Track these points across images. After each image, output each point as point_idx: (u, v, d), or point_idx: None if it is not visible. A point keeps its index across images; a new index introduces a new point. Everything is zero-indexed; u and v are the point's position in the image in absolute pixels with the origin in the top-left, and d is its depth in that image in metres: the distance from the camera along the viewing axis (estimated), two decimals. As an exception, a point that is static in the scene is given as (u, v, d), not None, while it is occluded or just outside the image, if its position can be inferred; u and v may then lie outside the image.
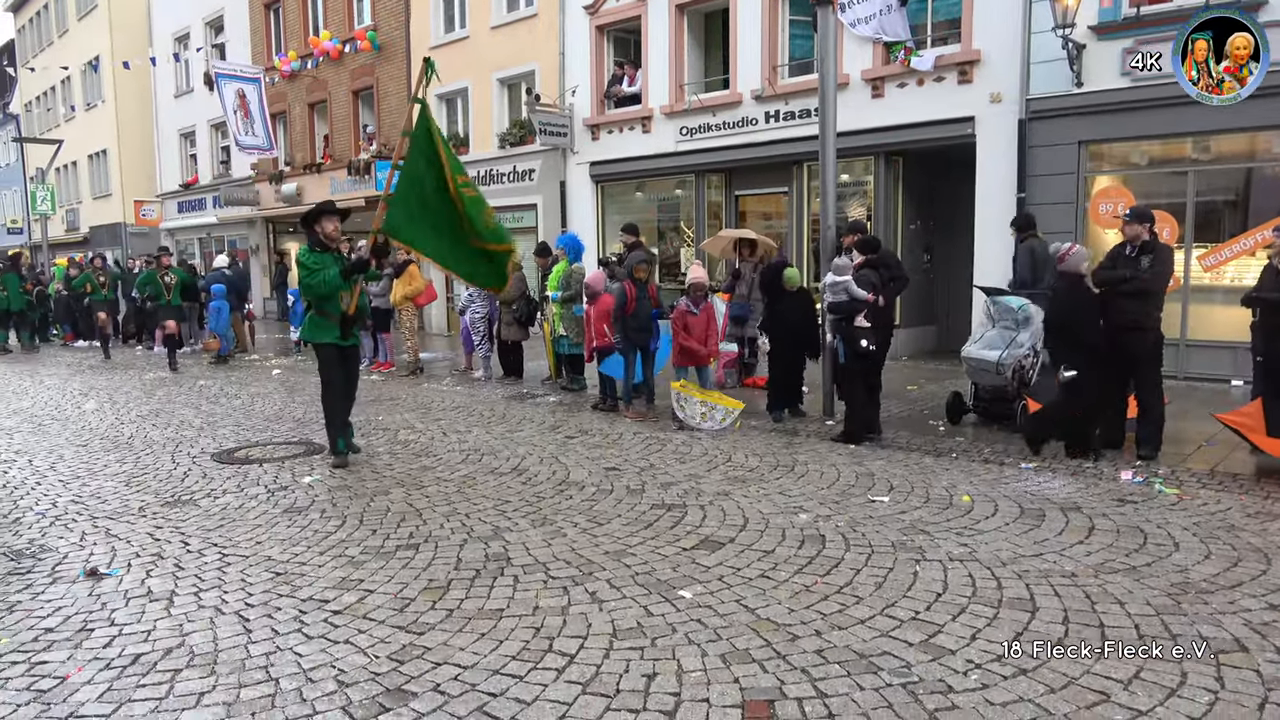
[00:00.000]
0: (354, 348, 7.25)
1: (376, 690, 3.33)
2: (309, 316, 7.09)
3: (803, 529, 5.17)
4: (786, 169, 13.95)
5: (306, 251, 6.93)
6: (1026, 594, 4.13)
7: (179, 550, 5.01)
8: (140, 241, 30.21)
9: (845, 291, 7.37)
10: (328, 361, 7.07)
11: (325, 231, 6.92)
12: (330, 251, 6.93)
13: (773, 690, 3.27)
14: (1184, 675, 3.33)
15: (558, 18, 16.78)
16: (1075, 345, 6.50)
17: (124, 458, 7.50)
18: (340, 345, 7.03)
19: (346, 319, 6.99)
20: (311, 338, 7.09)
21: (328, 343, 6.99)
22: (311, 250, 6.92)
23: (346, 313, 6.98)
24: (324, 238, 6.93)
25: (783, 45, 14.12)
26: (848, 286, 7.36)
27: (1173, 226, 10.23)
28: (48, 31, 36.16)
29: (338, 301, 6.95)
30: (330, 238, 6.95)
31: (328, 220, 6.97)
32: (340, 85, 22.05)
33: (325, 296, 6.85)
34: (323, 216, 7.00)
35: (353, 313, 7.04)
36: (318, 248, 6.92)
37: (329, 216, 7.02)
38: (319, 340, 7.01)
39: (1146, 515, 5.34)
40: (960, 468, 6.66)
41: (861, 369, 7.56)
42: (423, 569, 4.63)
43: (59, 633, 3.93)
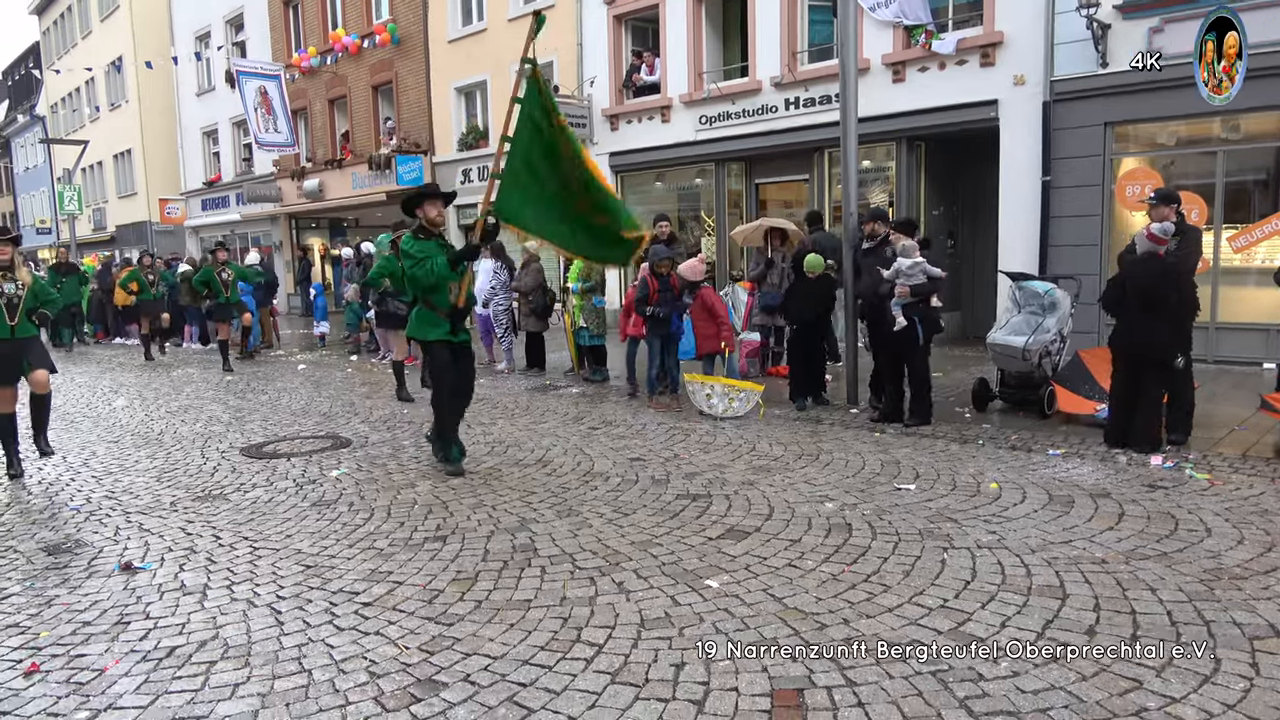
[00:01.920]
0: (466, 344, 6.64)
1: (408, 681, 3.37)
2: (415, 312, 6.54)
3: (829, 517, 5.16)
4: (807, 156, 13.87)
5: (410, 239, 6.42)
6: (1056, 581, 4.10)
7: (211, 544, 5.08)
8: (165, 239, 30.56)
9: (923, 272, 7.33)
10: (439, 361, 6.49)
11: (428, 217, 6.39)
12: (434, 238, 6.42)
13: (801, 679, 3.27)
14: (1218, 662, 3.30)
15: (575, 8, 16.75)
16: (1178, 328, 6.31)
17: (155, 453, 7.60)
18: (451, 342, 6.48)
19: (456, 312, 6.43)
20: (420, 335, 6.53)
21: (437, 340, 6.43)
22: (415, 237, 6.41)
23: (456, 305, 6.42)
24: (426, 223, 6.41)
25: (802, 31, 14.02)
26: (925, 268, 7.32)
27: (1201, 207, 10.07)
28: (71, 33, 36.56)
29: (445, 293, 6.37)
30: (433, 223, 6.42)
31: (430, 205, 6.41)
32: (360, 80, 22.15)
33: (432, 288, 6.32)
34: (425, 200, 6.44)
35: (462, 304, 6.49)
36: (421, 234, 6.41)
37: (431, 200, 6.44)
38: (428, 337, 6.46)
39: (1177, 501, 5.28)
40: (987, 454, 6.61)
41: (921, 351, 7.56)
42: (450, 560, 4.66)
43: (96, 626, 3.99)
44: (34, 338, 6.91)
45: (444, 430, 6.60)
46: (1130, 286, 6.33)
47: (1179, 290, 6.24)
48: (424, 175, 20.36)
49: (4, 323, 6.58)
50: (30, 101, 43.47)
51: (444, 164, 20.18)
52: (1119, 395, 6.53)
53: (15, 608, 4.25)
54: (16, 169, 46.29)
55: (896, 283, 7.35)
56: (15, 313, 6.62)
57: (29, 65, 44.00)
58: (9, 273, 6.64)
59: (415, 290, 6.46)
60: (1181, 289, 6.26)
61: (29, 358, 6.85)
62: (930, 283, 7.40)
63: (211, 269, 13.65)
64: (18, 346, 6.70)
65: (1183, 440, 6.53)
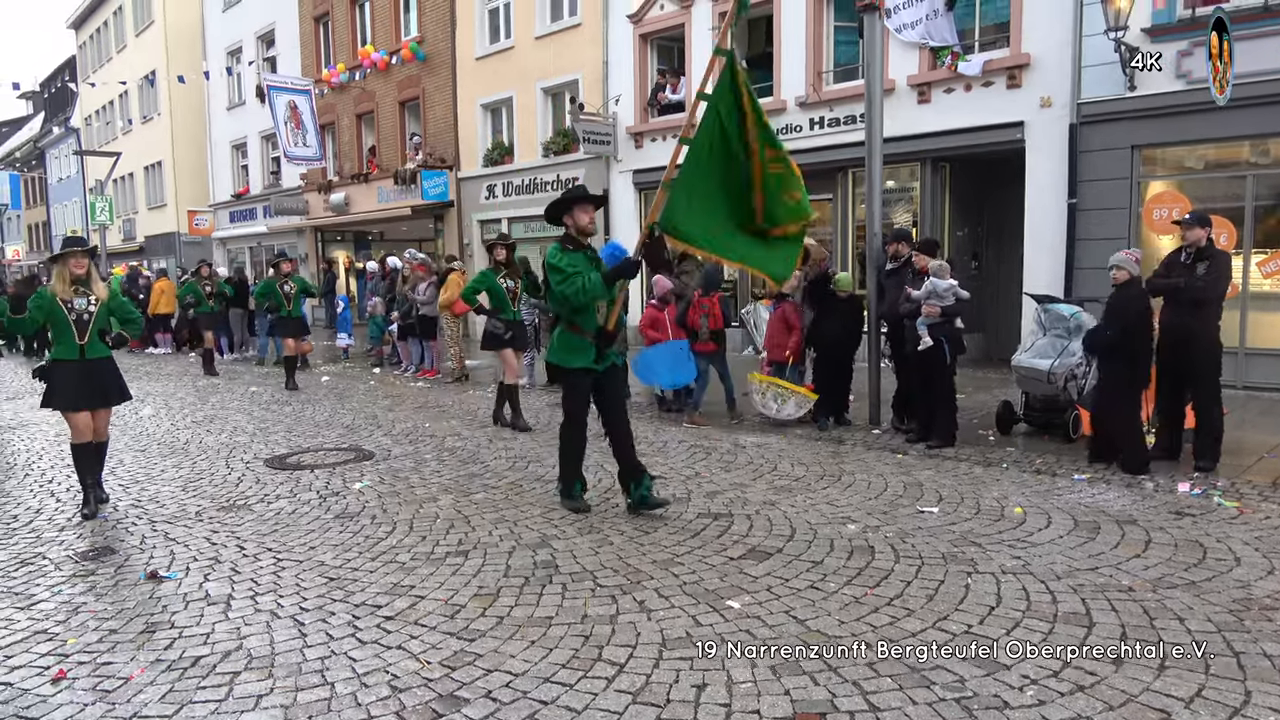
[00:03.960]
0: (612, 370, 5.72)
1: (429, 696, 3.37)
2: (557, 334, 5.74)
3: (851, 539, 5.13)
4: (831, 176, 13.87)
5: (557, 251, 5.51)
6: (1083, 608, 4.05)
7: (235, 554, 5.12)
8: (193, 250, 30.96)
9: (953, 294, 7.35)
10: (576, 392, 5.72)
11: (578, 224, 5.55)
12: (583, 249, 5.58)
13: (824, 703, 3.25)
14: (1248, 694, 3.25)
15: (601, 27, 16.88)
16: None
17: (180, 463, 7.68)
18: (595, 370, 5.64)
19: (604, 336, 5.55)
20: (560, 361, 5.69)
21: (579, 368, 5.62)
22: (563, 249, 5.52)
23: (605, 328, 5.56)
24: (576, 232, 5.56)
25: (827, 51, 14.06)
26: (956, 290, 7.34)
27: (1230, 232, 9.97)
28: (107, 48, 37.26)
29: (593, 314, 5.54)
30: (584, 231, 5.58)
31: (580, 210, 5.57)
32: (387, 96, 22.41)
33: (581, 308, 5.49)
34: (575, 205, 5.58)
35: (612, 328, 5.59)
36: (569, 245, 5.54)
37: (582, 205, 5.59)
38: (569, 364, 5.62)
39: (1205, 529, 5.21)
40: (1011, 478, 6.55)
41: (947, 372, 7.57)
42: (472, 575, 4.68)
43: (123, 634, 4.04)
44: (107, 359, 6.18)
45: (566, 466, 5.88)
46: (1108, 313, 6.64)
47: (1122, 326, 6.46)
48: (449, 191, 20.56)
49: (73, 342, 5.98)
50: (65, 114, 44.33)
51: (469, 179, 20.35)
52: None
53: (43, 614, 4.31)
54: (50, 179, 47.13)
55: (926, 302, 7.34)
56: (85, 331, 6.01)
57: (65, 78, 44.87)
58: (83, 287, 6.05)
59: (560, 310, 5.64)
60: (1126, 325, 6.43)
61: (102, 385, 6.14)
62: (957, 304, 7.39)
63: (274, 281, 13.01)
64: (89, 369, 6.04)
65: (1211, 467, 6.45)
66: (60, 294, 5.98)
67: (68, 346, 6.00)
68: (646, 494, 5.72)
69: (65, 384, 6.00)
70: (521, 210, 19.16)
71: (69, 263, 6.04)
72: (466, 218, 20.58)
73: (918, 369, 7.65)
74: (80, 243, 6.26)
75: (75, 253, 6.08)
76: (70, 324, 5.97)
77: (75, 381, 6.01)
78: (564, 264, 5.42)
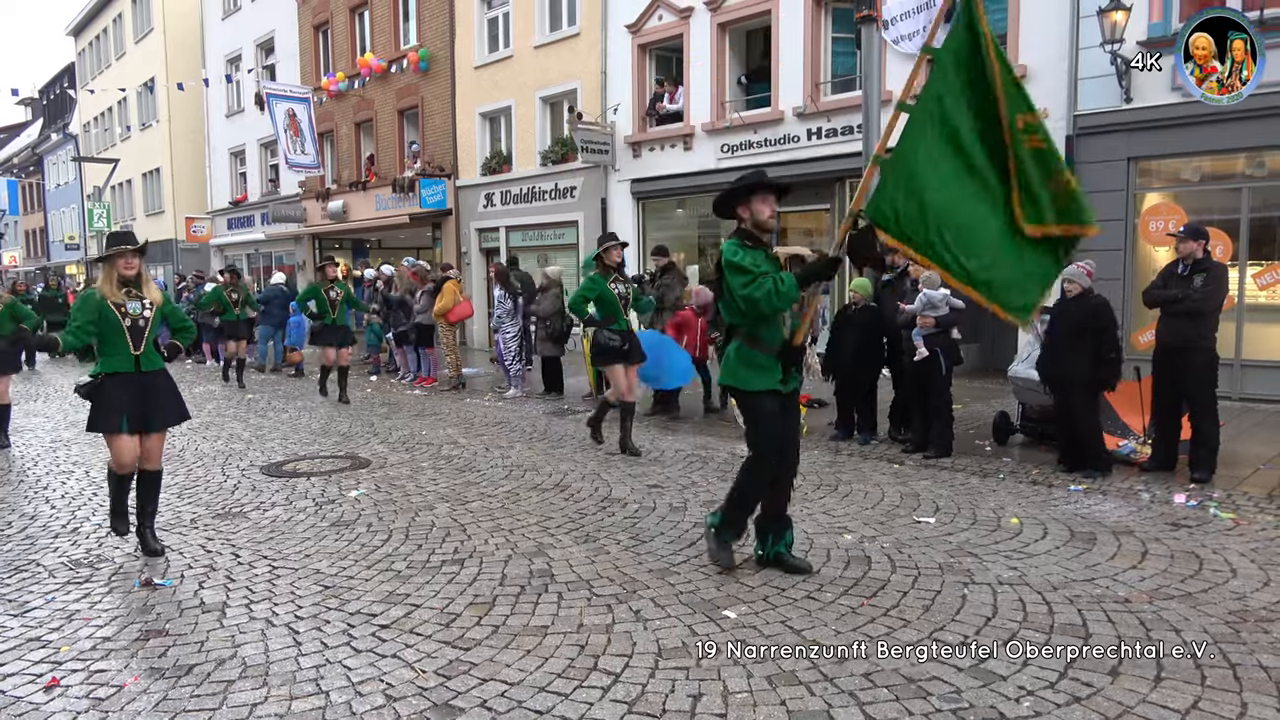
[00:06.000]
0: (795, 394, 4.78)
1: (424, 705, 3.36)
2: (734, 351, 4.64)
3: (848, 550, 5.13)
4: (829, 186, 13.90)
5: (735, 247, 4.51)
6: (1079, 620, 4.05)
7: (230, 562, 5.11)
8: (190, 257, 30.96)
9: (947, 304, 7.38)
10: (764, 419, 4.58)
11: (758, 218, 4.55)
12: (762, 247, 4.58)
13: (820, 714, 3.24)
14: (1244, 706, 3.25)
15: (600, 36, 16.94)
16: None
17: (176, 470, 7.66)
18: (781, 392, 4.63)
19: (789, 352, 4.57)
20: (740, 383, 4.62)
21: (764, 390, 4.58)
22: (741, 244, 4.53)
23: (790, 342, 4.58)
24: (753, 226, 4.58)
25: (825, 62, 14.11)
26: (950, 300, 7.36)
27: (1226, 244, 10.02)
28: (106, 55, 37.31)
29: (778, 326, 4.55)
30: (763, 226, 4.58)
31: (760, 200, 4.55)
32: (386, 104, 22.45)
33: (765, 317, 4.48)
34: (753, 194, 4.57)
35: (799, 342, 4.62)
36: (748, 241, 4.55)
37: (763, 195, 4.56)
38: (750, 387, 4.59)
39: (1201, 540, 5.21)
40: (1008, 489, 6.56)
41: (943, 382, 7.59)
42: (468, 584, 4.66)
43: (116, 641, 4.02)
44: (161, 372, 5.37)
45: (738, 511, 4.79)
46: (1061, 321, 6.80)
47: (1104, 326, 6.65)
48: (447, 199, 20.58)
49: (128, 351, 5.16)
50: (64, 120, 44.36)
51: (467, 188, 20.38)
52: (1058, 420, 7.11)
53: (37, 621, 4.29)
54: (48, 186, 47.17)
55: (920, 314, 7.37)
56: (142, 340, 5.20)
57: (64, 85, 44.93)
58: (136, 289, 5.24)
59: (741, 320, 4.58)
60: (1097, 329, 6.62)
61: (159, 402, 5.30)
62: (952, 313, 7.41)
63: (319, 286, 11.99)
64: (144, 383, 5.22)
65: (1207, 478, 6.45)
66: (110, 297, 5.17)
67: (122, 357, 5.16)
68: (784, 550, 4.80)
69: (117, 401, 5.15)
70: (519, 219, 19.19)
71: (118, 263, 5.21)
72: (464, 226, 20.61)
73: (914, 379, 7.67)
74: (130, 239, 5.32)
75: (125, 251, 5.21)
76: (124, 330, 5.14)
77: (128, 398, 5.16)
78: (748, 262, 4.42)
